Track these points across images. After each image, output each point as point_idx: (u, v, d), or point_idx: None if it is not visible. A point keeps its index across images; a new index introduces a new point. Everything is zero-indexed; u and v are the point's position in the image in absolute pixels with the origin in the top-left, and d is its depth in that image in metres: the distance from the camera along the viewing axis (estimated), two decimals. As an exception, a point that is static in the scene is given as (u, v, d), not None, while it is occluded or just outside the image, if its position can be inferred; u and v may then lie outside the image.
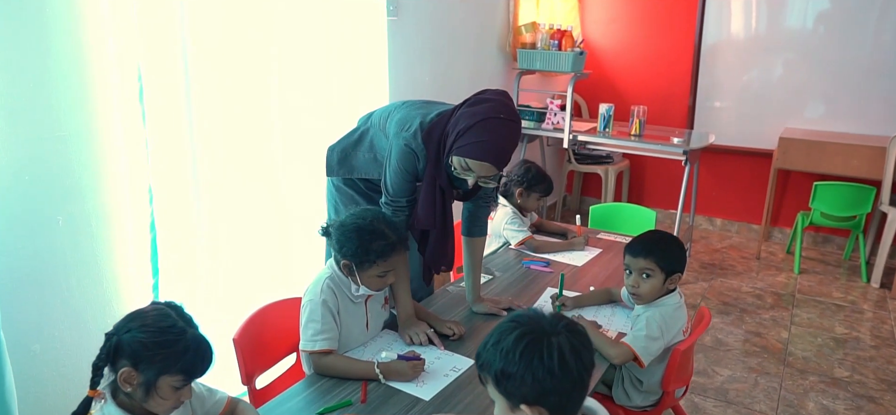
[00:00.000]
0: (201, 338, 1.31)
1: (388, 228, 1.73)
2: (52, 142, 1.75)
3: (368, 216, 1.74)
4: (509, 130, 1.78)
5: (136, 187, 1.97)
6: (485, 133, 1.74)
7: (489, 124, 1.75)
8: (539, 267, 2.54)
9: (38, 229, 1.75)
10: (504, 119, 1.76)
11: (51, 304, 1.81)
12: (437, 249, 2.01)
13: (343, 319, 1.80)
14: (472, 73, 3.85)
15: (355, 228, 1.72)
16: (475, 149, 1.74)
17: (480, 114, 1.76)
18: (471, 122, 1.76)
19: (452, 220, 2.02)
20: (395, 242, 1.73)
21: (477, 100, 1.84)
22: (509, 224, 2.77)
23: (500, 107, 1.79)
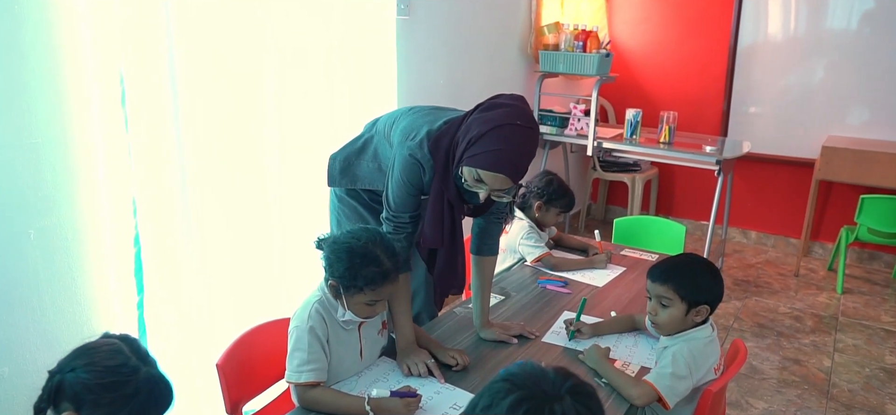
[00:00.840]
0: (157, 378, 1.15)
1: (383, 254, 1.56)
2: (24, 149, 1.63)
3: (364, 237, 1.57)
4: (526, 138, 1.59)
5: (118, 199, 1.83)
6: (499, 141, 1.55)
7: (504, 132, 1.56)
8: (556, 287, 2.34)
9: (6, 243, 1.62)
10: (521, 126, 1.58)
11: (21, 324, 1.68)
12: (445, 270, 1.83)
13: (333, 347, 1.64)
14: (491, 76, 3.66)
15: (347, 248, 1.56)
16: (488, 159, 1.56)
17: (494, 120, 1.58)
18: (483, 128, 1.57)
19: (462, 237, 1.83)
20: (388, 270, 1.56)
21: (491, 104, 1.66)
22: (525, 240, 2.57)
23: (516, 112, 1.60)
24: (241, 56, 2.08)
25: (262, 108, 2.19)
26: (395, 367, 1.75)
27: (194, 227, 2.01)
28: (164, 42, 1.84)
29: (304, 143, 2.35)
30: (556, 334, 1.97)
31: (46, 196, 1.68)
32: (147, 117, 1.84)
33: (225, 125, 2.07)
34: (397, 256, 1.60)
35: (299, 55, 2.29)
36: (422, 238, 1.76)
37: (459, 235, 1.80)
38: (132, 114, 1.80)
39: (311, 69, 2.35)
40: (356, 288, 1.55)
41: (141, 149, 1.84)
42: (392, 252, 1.58)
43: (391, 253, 1.58)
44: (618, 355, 1.83)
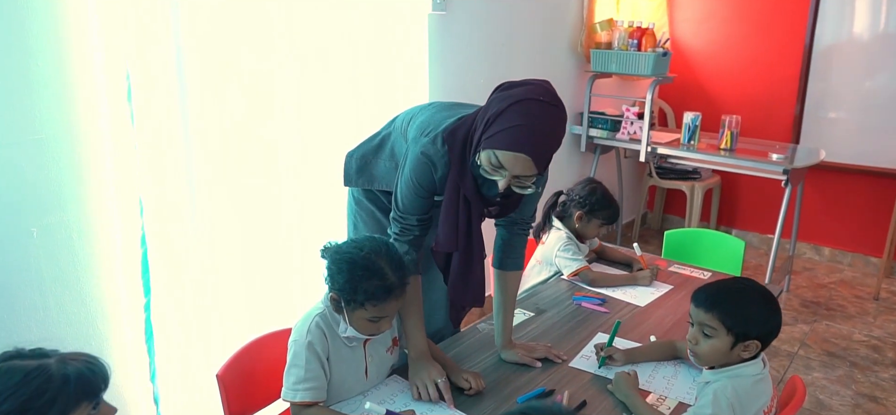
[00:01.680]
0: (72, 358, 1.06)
1: (388, 266, 1.42)
2: (28, 145, 1.58)
3: (367, 247, 1.44)
4: (551, 115, 1.41)
5: (124, 197, 1.78)
6: (519, 117, 1.39)
7: (525, 106, 1.40)
8: (592, 305, 2.14)
9: (8, 240, 1.58)
10: (545, 103, 1.41)
11: (24, 323, 1.64)
12: (459, 279, 1.67)
13: (335, 364, 1.52)
14: (536, 75, 3.45)
15: (349, 259, 1.43)
16: (507, 137, 1.39)
17: (514, 96, 1.42)
18: (502, 105, 1.41)
19: (481, 242, 1.66)
20: (392, 285, 1.42)
21: (511, 84, 1.50)
22: (563, 252, 2.38)
23: (539, 89, 1.44)
24: (256, 51, 2.00)
25: (280, 106, 2.10)
26: (405, 387, 1.61)
27: (203, 229, 1.94)
28: (173, 36, 1.77)
29: (323, 143, 2.25)
30: (586, 358, 1.79)
31: (50, 193, 1.64)
32: (155, 114, 1.78)
33: (238, 123, 1.99)
34: (404, 269, 1.46)
35: (321, 51, 2.19)
36: (435, 241, 1.62)
37: (477, 240, 1.63)
38: (139, 110, 1.73)
39: (333, 66, 2.24)
40: (357, 303, 1.43)
41: (148, 146, 1.78)
42: (398, 265, 1.44)
43: (397, 266, 1.44)
44: (653, 387, 1.63)
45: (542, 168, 1.44)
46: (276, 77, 2.06)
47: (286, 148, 2.14)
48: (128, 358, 1.86)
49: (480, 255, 1.67)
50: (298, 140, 2.17)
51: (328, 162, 2.22)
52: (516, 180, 1.45)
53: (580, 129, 3.94)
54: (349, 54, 2.29)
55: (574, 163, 3.99)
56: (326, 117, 2.25)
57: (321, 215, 2.28)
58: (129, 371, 1.87)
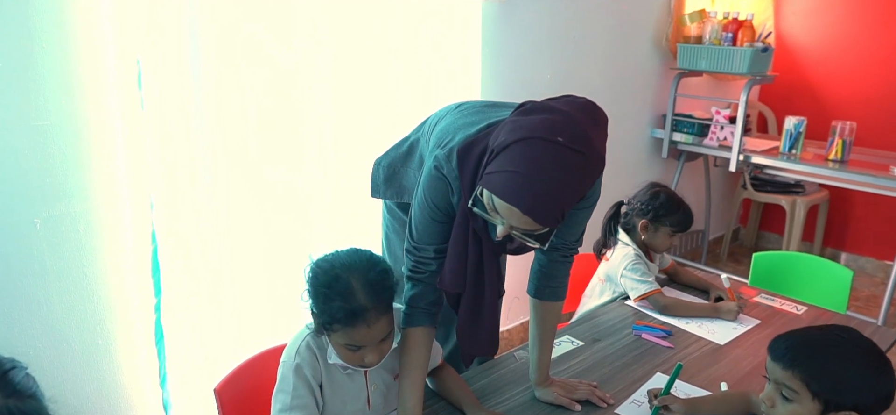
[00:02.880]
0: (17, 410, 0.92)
1: (361, 286, 1.20)
2: (30, 132, 1.50)
3: (341, 261, 1.24)
4: (566, 164, 1.10)
5: (134, 190, 1.67)
6: (519, 161, 1.10)
7: (531, 148, 1.10)
8: (654, 337, 1.82)
9: (9, 232, 1.50)
10: (561, 146, 1.10)
11: (24, 319, 1.56)
12: (466, 325, 1.40)
13: (330, 392, 1.33)
14: (613, 72, 3.13)
15: (322, 272, 1.23)
16: (501, 182, 1.12)
17: (524, 128, 1.13)
18: (509, 138, 1.14)
19: (497, 283, 1.39)
20: (360, 308, 1.18)
21: (534, 107, 1.21)
22: (630, 271, 2.06)
23: (560, 124, 1.12)
24: (280, 36, 1.83)
25: (307, 98, 1.93)
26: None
27: (219, 227, 1.80)
28: (189, 18, 1.64)
29: (355, 143, 2.06)
30: (637, 405, 1.49)
31: (54, 183, 1.55)
32: (167, 101, 1.65)
33: (260, 115, 1.84)
34: (384, 293, 1.22)
35: (353, 39, 1.99)
36: (440, 279, 1.36)
37: (492, 280, 1.35)
38: (150, 97, 1.62)
39: (368, 57, 2.04)
40: (328, 326, 1.22)
41: (160, 136, 1.66)
42: (376, 287, 1.21)
43: (373, 288, 1.20)
44: (718, 453, 1.31)
45: (547, 225, 1.14)
46: (302, 65, 1.90)
47: (313, 143, 1.97)
48: (138, 361, 1.76)
49: (494, 298, 1.38)
50: (328, 136, 2.00)
51: (360, 162, 2.03)
52: (516, 231, 1.17)
53: (662, 133, 3.55)
54: (387, 44, 2.08)
55: (654, 170, 3.60)
56: (359, 114, 2.05)
57: (352, 221, 2.09)
58: (139, 374, 1.77)
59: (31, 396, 0.96)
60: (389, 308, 1.25)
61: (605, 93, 3.10)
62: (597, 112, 1.20)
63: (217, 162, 1.77)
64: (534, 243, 1.21)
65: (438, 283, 1.35)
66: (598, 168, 1.17)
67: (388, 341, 1.29)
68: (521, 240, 1.20)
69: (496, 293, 1.38)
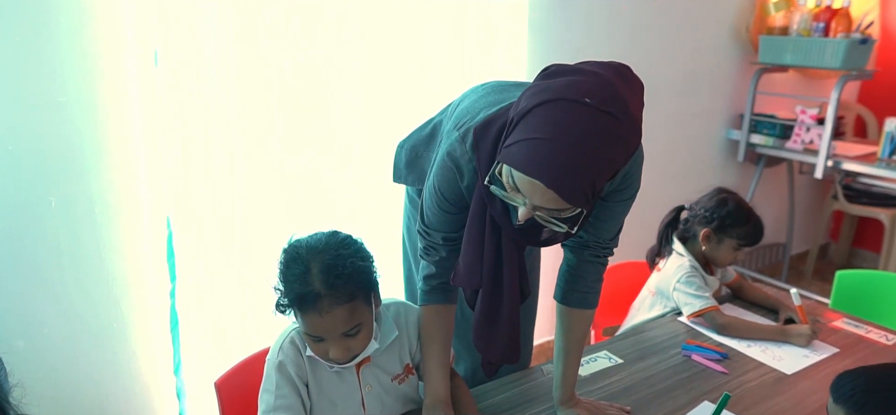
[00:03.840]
0: None
1: (318, 269, 1.08)
2: (48, 109, 1.48)
3: (311, 243, 1.13)
4: (595, 128, 0.93)
5: (150, 173, 1.63)
6: (543, 126, 0.94)
7: (556, 111, 0.94)
8: (706, 359, 1.60)
9: (23, 209, 1.49)
10: (589, 107, 0.93)
11: (38, 297, 1.55)
12: (483, 326, 1.24)
13: (318, 391, 1.22)
14: (685, 67, 2.86)
15: (288, 250, 1.14)
16: (522, 152, 0.95)
17: (548, 91, 0.96)
18: (530, 103, 0.98)
19: (518, 280, 1.22)
20: (310, 295, 1.07)
21: (559, 70, 1.03)
22: (684, 285, 1.84)
23: (588, 84, 0.95)
24: (304, 13, 1.74)
25: (333, 79, 1.82)
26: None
27: (234, 216, 1.73)
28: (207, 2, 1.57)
29: (383, 127, 1.93)
30: (675, 440, 1.28)
31: (71, 163, 1.53)
32: (184, 82, 1.60)
33: (283, 96, 1.76)
34: (339, 280, 1.08)
35: (385, 17, 1.87)
36: (454, 273, 1.22)
37: (511, 277, 1.19)
38: (167, 82, 1.56)
39: (402, 38, 1.92)
40: (286, 310, 1.13)
41: (176, 123, 1.61)
42: (330, 272, 1.07)
43: (328, 272, 1.07)
44: None
45: (576, 203, 0.96)
46: (329, 43, 1.79)
47: (338, 127, 1.87)
48: (152, 346, 1.73)
49: (514, 298, 1.21)
50: (354, 119, 1.89)
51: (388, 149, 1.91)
52: (541, 212, 1.00)
53: (738, 134, 3.22)
54: (422, 24, 1.95)
55: (729, 175, 3.28)
56: (393, 104, 1.92)
57: (376, 210, 1.97)
58: (154, 359, 1.74)
59: None
60: (352, 298, 1.10)
61: (673, 89, 2.85)
62: (631, 76, 1.02)
63: (235, 149, 1.71)
64: (560, 227, 1.03)
65: (452, 279, 1.22)
66: (634, 137, 0.99)
67: (357, 339, 1.15)
68: (543, 221, 1.03)
69: (518, 293, 1.22)
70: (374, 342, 1.20)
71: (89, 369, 1.64)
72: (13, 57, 1.41)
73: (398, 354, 1.29)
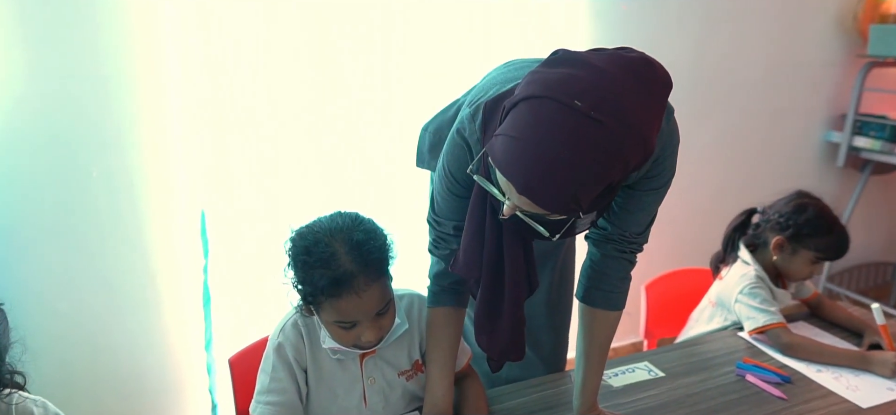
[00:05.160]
0: None
1: (345, 249, 1.03)
2: (91, 81, 1.54)
3: (323, 225, 1.07)
4: (578, 136, 0.81)
5: (186, 148, 1.65)
6: (524, 126, 0.84)
7: (539, 110, 0.83)
8: (763, 381, 1.40)
9: (67, 178, 1.56)
10: (576, 111, 0.80)
11: (79, 264, 1.62)
12: (484, 319, 1.14)
13: (315, 378, 1.17)
14: (777, 60, 2.56)
15: (300, 238, 1.07)
16: (500, 149, 0.86)
17: (539, 83, 0.85)
18: (520, 94, 0.87)
19: (524, 273, 1.11)
20: (344, 276, 1.01)
21: (564, 58, 0.90)
22: (747, 297, 1.64)
23: (585, 83, 0.82)
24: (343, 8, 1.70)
25: (368, 59, 1.77)
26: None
27: (267, 195, 1.72)
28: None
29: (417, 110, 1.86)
30: (707, 467, 1.12)
31: (112, 135, 1.58)
32: (222, 60, 1.60)
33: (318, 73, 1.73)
34: (372, 255, 1.03)
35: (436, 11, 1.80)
36: (453, 261, 1.12)
37: (514, 268, 1.08)
38: (203, 57, 1.58)
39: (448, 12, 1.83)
40: (314, 299, 1.06)
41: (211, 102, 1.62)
42: (362, 248, 1.03)
43: (359, 250, 1.02)
44: None
45: (554, 211, 0.87)
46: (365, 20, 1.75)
47: (370, 109, 1.81)
48: (186, 320, 1.76)
49: (517, 291, 1.10)
50: (385, 103, 1.83)
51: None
52: (522, 212, 0.91)
53: (839, 136, 2.87)
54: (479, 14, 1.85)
55: (826, 183, 2.93)
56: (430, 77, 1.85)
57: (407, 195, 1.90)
58: (186, 334, 1.77)
59: None
60: (381, 274, 1.06)
61: (758, 84, 2.57)
62: (649, 74, 0.87)
63: (268, 131, 1.71)
64: (542, 231, 0.94)
65: (451, 266, 1.12)
66: (634, 147, 0.85)
67: (387, 317, 1.10)
68: (526, 218, 0.93)
69: (523, 287, 1.11)
70: (397, 319, 1.15)
71: (125, 338, 1.69)
72: (57, 28, 1.47)
73: (407, 348, 1.22)
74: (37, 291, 1.58)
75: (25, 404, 1.01)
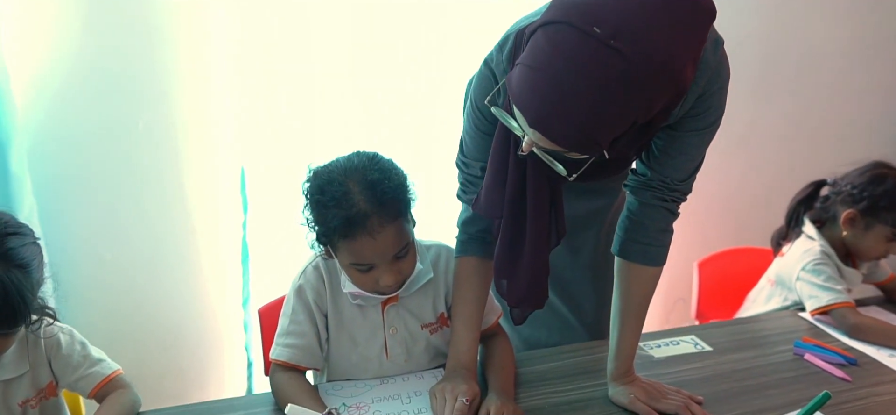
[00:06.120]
0: None
1: (359, 188, 0.99)
2: (136, 33, 1.56)
3: (340, 165, 1.03)
4: (593, 66, 0.74)
5: (227, 104, 1.66)
6: (538, 54, 0.78)
7: (554, 37, 0.77)
8: (826, 362, 1.28)
9: (113, 129, 1.59)
10: (594, 39, 0.74)
11: (124, 212, 1.65)
12: (505, 262, 1.07)
13: (335, 324, 1.14)
14: (857, 32, 2.34)
15: (316, 177, 1.04)
16: (516, 79, 0.81)
17: (559, 8, 0.79)
18: (540, 20, 0.81)
19: (547, 217, 1.04)
20: (358, 215, 0.97)
21: None
22: (810, 274, 1.51)
23: (609, 9, 0.75)
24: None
25: (410, 25, 1.73)
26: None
27: (303, 153, 1.71)
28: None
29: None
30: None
31: (159, 89, 1.60)
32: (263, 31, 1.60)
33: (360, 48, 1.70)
34: (386, 195, 0.99)
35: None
36: (475, 200, 1.07)
37: (537, 210, 1.01)
38: (250, 9, 1.58)
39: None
40: (329, 239, 1.03)
41: (254, 60, 1.62)
42: (377, 188, 0.98)
43: (374, 189, 0.98)
44: None
45: (569, 148, 0.81)
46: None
47: (413, 68, 1.77)
48: (225, 276, 1.77)
49: (540, 235, 1.03)
50: (428, 62, 1.78)
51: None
52: (538, 148, 0.85)
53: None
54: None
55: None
56: (479, 33, 1.78)
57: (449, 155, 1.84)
58: (225, 290, 1.78)
59: (21, 266, 0.92)
60: (397, 215, 1.01)
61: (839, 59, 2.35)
62: (691, 4, 0.79)
63: (307, 89, 1.69)
64: (560, 170, 0.87)
65: (473, 205, 1.07)
66: (659, 82, 0.77)
67: (406, 261, 1.06)
68: (543, 157, 0.87)
69: (545, 232, 1.04)
70: (419, 264, 1.11)
71: (167, 291, 1.72)
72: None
73: (432, 299, 1.17)
74: (84, 239, 1.62)
75: (53, 330, 1.03)
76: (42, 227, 1.51)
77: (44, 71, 1.51)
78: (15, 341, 0.98)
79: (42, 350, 1.02)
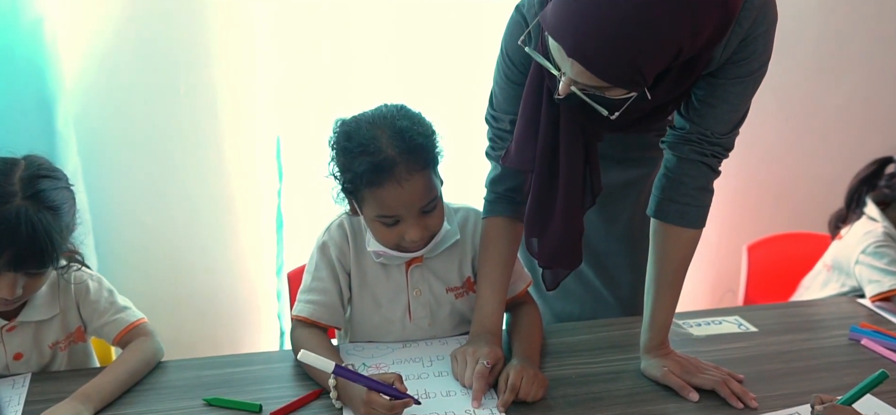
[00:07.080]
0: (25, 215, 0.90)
1: (387, 136, 0.97)
2: (184, 1, 1.58)
3: (368, 115, 1.01)
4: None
5: (265, 71, 1.67)
6: None
7: None
8: (884, 347, 1.17)
9: (156, 94, 1.62)
10: None
11: (166, 179, 1.68)
12: (535, 219, 1.03)
13: (358, 283, 1.12)
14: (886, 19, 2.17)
15: (343, 125, 1.02)
16: (552, 13, 0.78)
17: None
18: None
19: (582, 170, 0.99)
20: (385, 162, 0.95)
21: None
22: (870, 256, 1.41)
23: None
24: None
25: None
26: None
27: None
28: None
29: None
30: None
31: (200, 53, 1.62)
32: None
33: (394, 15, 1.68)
34: (415, 141, 0.96)
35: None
36: (505, 153, 1.03)
37: (570, 164, 0.96)
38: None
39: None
40: (354, 191, 1.01)
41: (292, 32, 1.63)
42: (405, 135, 0.96)
43: (402, 136, 0.96)
44: None
45: (610, 80, 0.76)
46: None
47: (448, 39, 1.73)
48: (262, 241, 1.79)
49: (573, 191, 0.98)
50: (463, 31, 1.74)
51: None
52: (578, 87, 0.81)
53: None
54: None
55: None
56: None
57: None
58: (260, 256, 1.79)
59: (51, 208, 0.94)
60: (426, 165, 0.99)
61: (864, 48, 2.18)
62: None
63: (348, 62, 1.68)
64: (601, 110, 0.82)
65: (502, 158, 1.03)
66: (707, 4, 0.72)
67: (433, 217, 1.03)
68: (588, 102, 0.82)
69: (579, 186, 0.99)
70: (447, 225, 1.08)
71: (203, 257, 1.74)
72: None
73: (458, 262, 1.14)
74: (125, 202, 1.66)
75: (82, 276, 1.05)
76: (86, 188, 1.56)
77: (91, 34, 1.55)
78: (45, 283, 1.00)
79: (71, 295, 1.04)
